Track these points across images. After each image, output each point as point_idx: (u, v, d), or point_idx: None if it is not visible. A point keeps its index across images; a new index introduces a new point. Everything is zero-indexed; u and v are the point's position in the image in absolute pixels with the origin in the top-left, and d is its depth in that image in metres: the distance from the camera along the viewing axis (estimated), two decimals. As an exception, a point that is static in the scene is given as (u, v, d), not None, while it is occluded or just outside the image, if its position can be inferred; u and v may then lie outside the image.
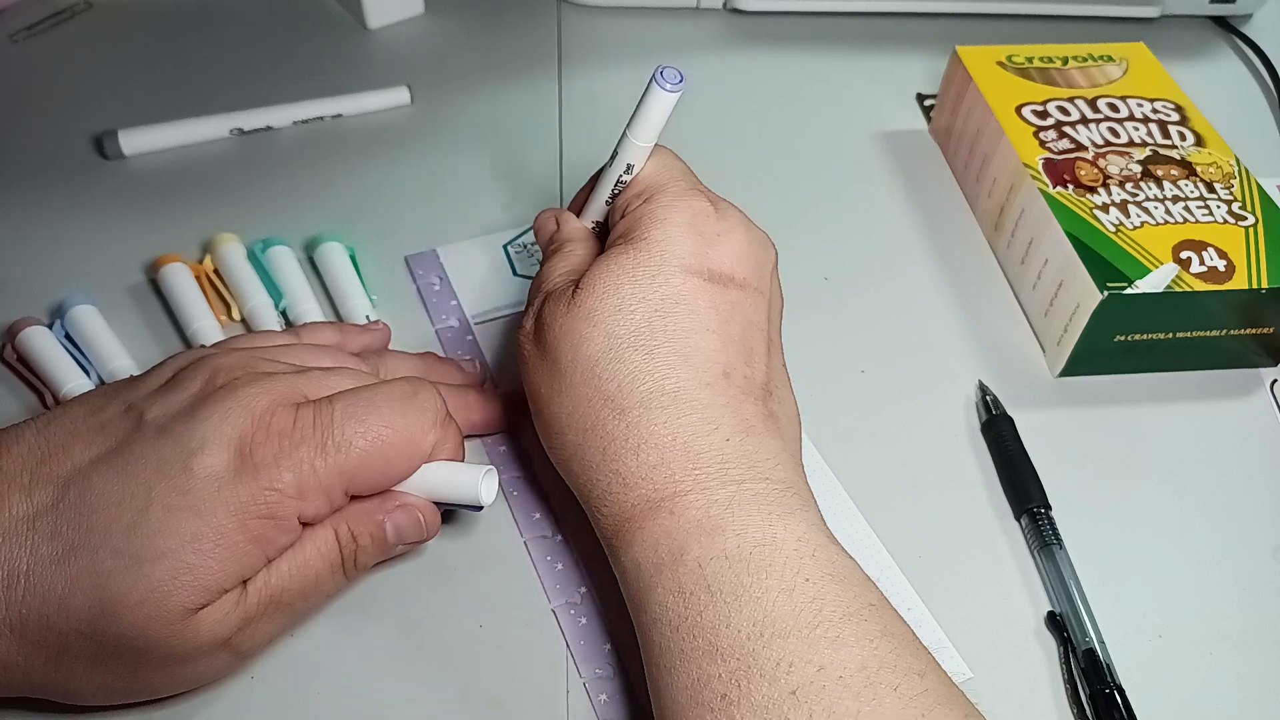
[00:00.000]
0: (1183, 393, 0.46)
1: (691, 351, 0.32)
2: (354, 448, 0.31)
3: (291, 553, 0.32)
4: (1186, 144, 0.49)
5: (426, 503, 0.34)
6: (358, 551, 0.33)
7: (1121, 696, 0.35)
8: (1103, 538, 0.40)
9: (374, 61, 0.60)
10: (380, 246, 0.49)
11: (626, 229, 0.35)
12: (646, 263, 0.33)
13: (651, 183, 0.36)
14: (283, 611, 0.32)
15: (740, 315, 0.34)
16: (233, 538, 0.29)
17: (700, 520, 0.30)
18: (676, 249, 0.34)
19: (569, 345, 0.33)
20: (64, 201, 0.50)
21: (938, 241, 0.52)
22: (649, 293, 0.33)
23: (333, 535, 0.32)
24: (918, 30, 0.65)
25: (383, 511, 0.33)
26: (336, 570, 0.33)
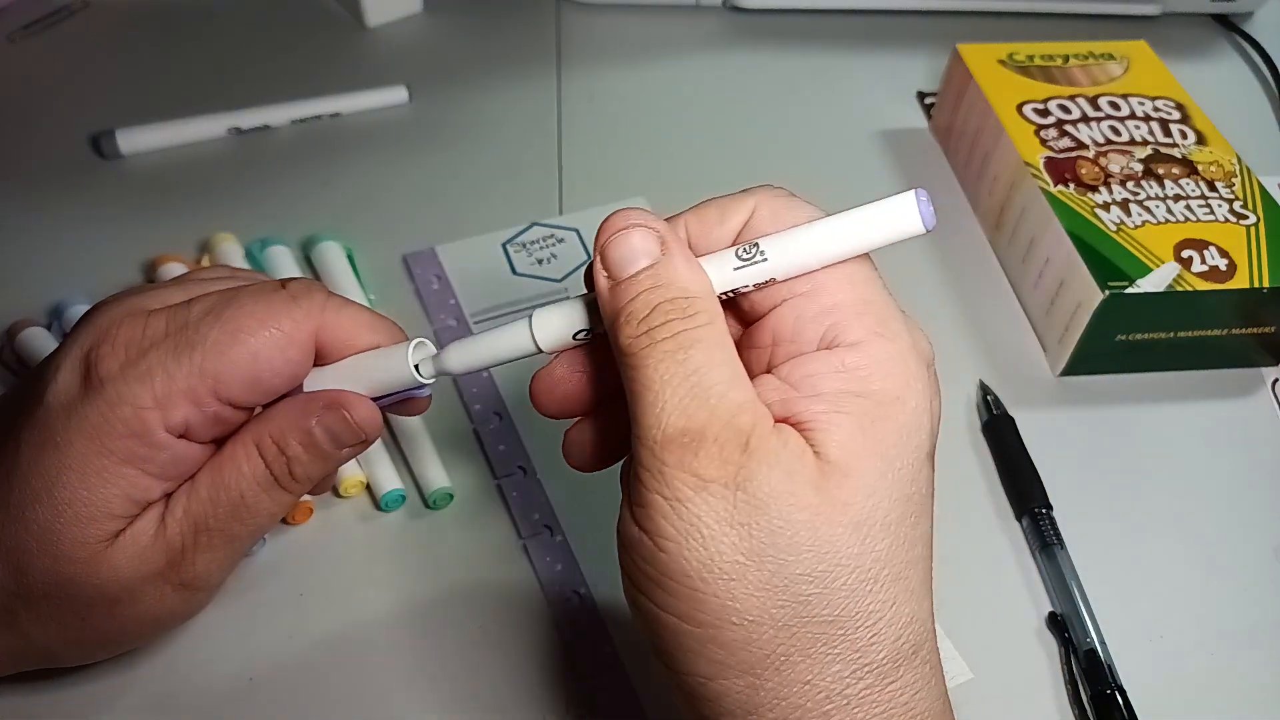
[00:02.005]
0: (1184, 392, 0.45)
1: (925, 581, 0.25)
2: (209, 342, 0.28)
3: (208, 475, 0.29)
4: (1188, 142, 0.49)
5: (357, 397, 0.30)
6: (290, 463, 0.30)
7: (1122, 697, 0.35)
8: (1104, 538, 0.40)
9: (372, 60, 0.60)
10: (378, 245, 0.49)
11: (858, 369, 0.24)
12: (908, 442, 0.25)
13: (869, 298, 0.26)
14: (219, 537, 0.29)
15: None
16: (98, 463, 0.27)
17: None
18: (928, 425, 0.25)
19: (789, 540, 0.23)
20: (61, 201, 0.50)
21: (938, 240, 0.52)
22: (908, 488, 0.24)
23: (254, 450, 0.29)
24: (918, 28, 0.65)
25: (307, 415, 0.29)
26: (270, 487, 0.30)
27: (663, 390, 0.24)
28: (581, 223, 0.50)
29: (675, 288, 0.25)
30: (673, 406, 0.23)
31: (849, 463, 0.23)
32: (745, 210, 0.27)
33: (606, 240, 0.26)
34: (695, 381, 0.23)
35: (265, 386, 0.29)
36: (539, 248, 0.49)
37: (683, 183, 0.53)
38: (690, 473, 0.23)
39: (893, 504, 0.24)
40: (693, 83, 0.60)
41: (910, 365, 0.25)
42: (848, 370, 0.24)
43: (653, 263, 0.25)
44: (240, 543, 0.30)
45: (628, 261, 0.25)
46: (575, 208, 0.51)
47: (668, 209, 0.52)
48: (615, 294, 0.25)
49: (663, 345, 0.24)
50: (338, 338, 0.30)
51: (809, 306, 0.25)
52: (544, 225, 0.50)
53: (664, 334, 0.24)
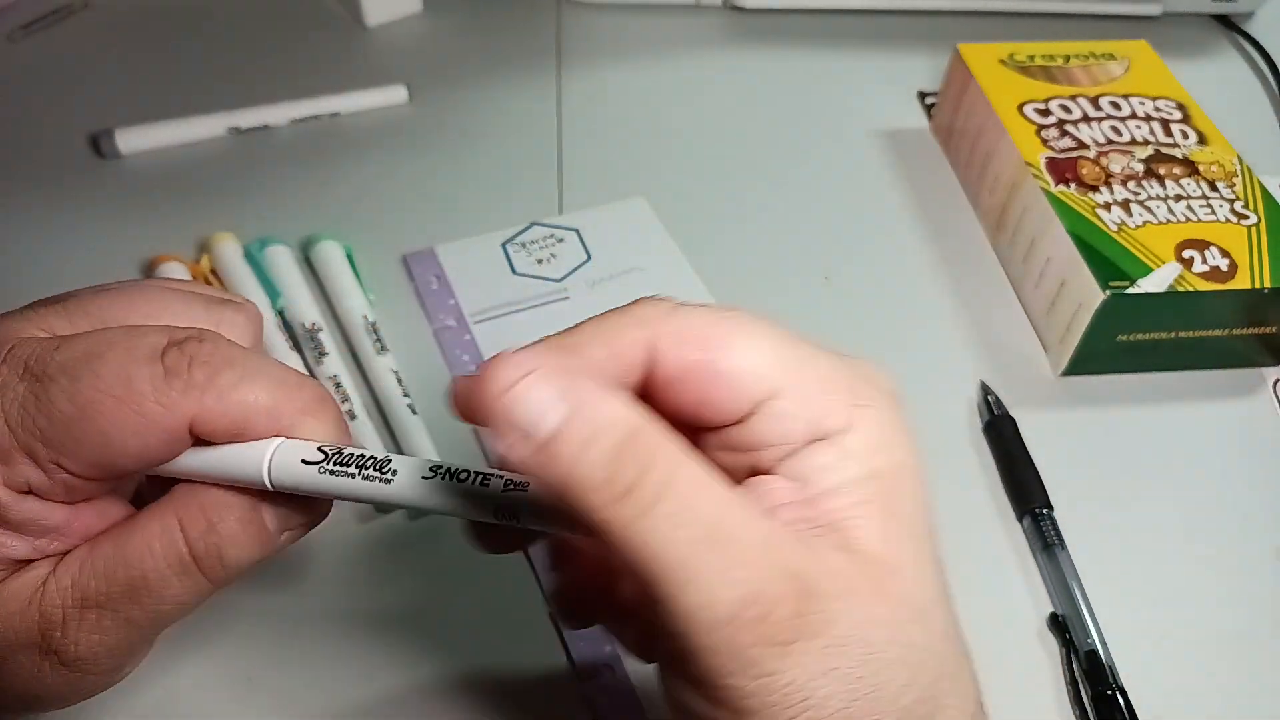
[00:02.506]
0: (1185, 392, 0.45)
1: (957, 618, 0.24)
2: (55, 410, 0.23)
3: (110, 543, 0.25)
4: (1189, 142, 0.49)
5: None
6: (221, 544, 0.24)
7: (1123, 697, 0.35)
8: (1105, 538, 0.40)
9: (372, 60, 0.60)
10: (378, 245, 0.49)
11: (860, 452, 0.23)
12: (920, 502, 0.23)
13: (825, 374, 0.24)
14: (108, 616, 0.24)
15: None
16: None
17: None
18: (921, 467, 0.24)
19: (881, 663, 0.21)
20: (60, 201, 0.50)
21: (939, 240, 0.52)
22: (933, 547, 0.23)
23: (173, 524, 0.24)
24: (919, 28, 0.65)
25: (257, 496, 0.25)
26: (186, 568, 0.24)
27: (689, 564, 0.20)
28: (581, 223, 0.50)
29: (617, 429, 0.20)
30: (712, 579, 0.20)
31: (892, 556, 0.22)
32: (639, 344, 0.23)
33: (495, 406, 0.21)
34: (720, 538, 0.20)
35: (117, 470, 0.24)
36: (539, 248, 0.49)
37: (683, 183, 0.53)
38: (767, 644, 0.20)
39: (933, 573, 0.23)
40: (693, 83, 0.60)
41: (894, 419, 0.24)
42: (851, 456, 0.23)
43: (569, 411, 0.20)
44: (142, 629, 0.25)
45: (534, 420, 0.20)
46: (575, 208, 0.51)
47: (668, 209, 0.53)
48: (544, 464, 0.20)
49: (658, 510, 0.20)
50: (225, 426, 0.24)
51: (782, 408, 0.23)
52: (544, 225, 0.50)
53: (648, 496, 0.20)
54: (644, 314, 0.23)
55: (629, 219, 0.51)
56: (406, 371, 0.43)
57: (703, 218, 0.51)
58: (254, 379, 0.24)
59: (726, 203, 0.53)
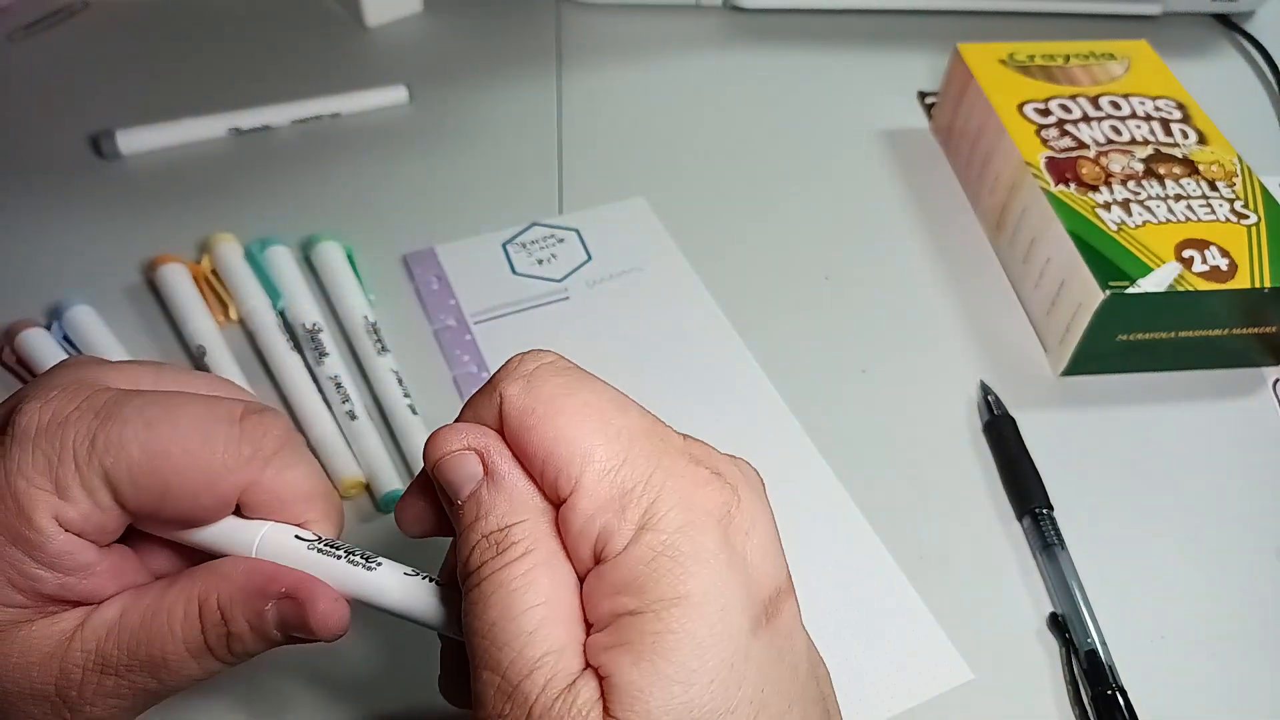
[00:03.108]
0: (1185, 392, 0.45)
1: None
2: (123, 454, 0.24)
3: (137, 618, 0.25)
4: (1189, 142, 0.49)
5: (324, 591, 0.26)
6: (230, 639, 0.25)
7: (1123, 697, 0.35)
8: (1105, 538, 0.40)
9: (372, 60, 0.60)
10: (378, 245, 0.49)
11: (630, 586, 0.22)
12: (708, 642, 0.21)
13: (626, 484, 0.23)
14: (127, 689, 0.25)
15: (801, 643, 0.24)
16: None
17: None
18: (731, 599, 0.22)
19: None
20: (61, 202, 0.50)
21: (939, 240, 0.52)
22: (732, 676, 0.21)
23: (195, 609, 0.25)
24: (919, 28, 0.65)
25: (265, 595, 0.25)
26: (200, 654, 0.25)
27: (476, 630, 0.22)
28: (581, 223, 0.50)
29: (494, 518, 0.23)
30: (482, 652, 0.22)
31: (645, 709, 0.21)
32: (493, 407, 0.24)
33: (436, 464, 0.24)
34: (496, 633, 0.22)
35: (165, 520, 0.25)
36: (539, 248, 0.49)
37: (683, 183, 0.53)
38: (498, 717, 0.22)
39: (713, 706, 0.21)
40: (693, 83, 0.60)
41: (686, 548, 0.22)
42: (619, 588, 0.22)
43: (475, 488, 0.23)
44: (152, 696, 0.26)
45: (456, 486, 0.24)
46: (575, 208, 0.51)
47: (668, 209, 0.53)
48: (456, 519, 0.24)
49: (481, 588, 0.22)
50: (268, 500, 0.26)
51: (572, 517, 0.23)
52: (544, 225, 0.50)
53: (481, 575, 0.23)
54: (499, 376, 0.24)
55: (629, 219, 0.51)
56: (407, 371, 0.43)
57: (703, 218, 0.51)
58: (308, 464, 0.26)
59: (726, 203, 0.53)
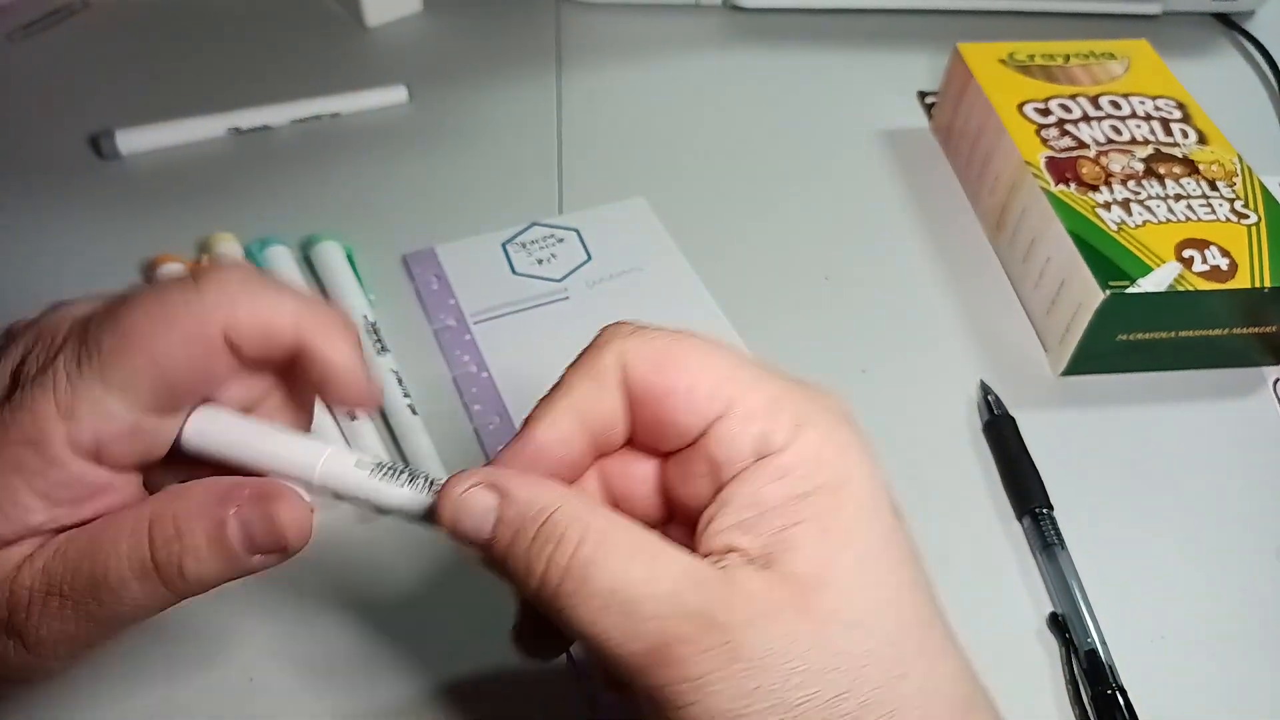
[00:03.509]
0: (1185, 392, 0.45)
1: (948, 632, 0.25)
2: (105, 349, 0.24)
3: (86, 535, 0.25)
4: (1189, 142, 0.49)
5: (290, 493, 0.25)
6: (183, 554, 0.25)
7: (1123, 697, 0.35)
8: (1104, 538, 0.40)
9: (372, 60, 0.60)
10: (378, 245, 0.49)
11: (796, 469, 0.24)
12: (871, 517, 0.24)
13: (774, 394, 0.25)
14: (71, 610, 0.25)
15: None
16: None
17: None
18: (880, 484, 0.25)
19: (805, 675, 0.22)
20: (60, 201, 0.50)
21: (939, 240, 0.52)
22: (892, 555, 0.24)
23: (144, 526, 0.25)
24: (919, 27, 0.65)
25: (226, 503, 0.25)
26: (146, 573, 0.25)
27: (599, 633, 0.22)
28: (581, 223, 0.50)
29: (530, 522, 0.23)
30: (621, 638, 0.22)
31: (820, 572, 0.23)
32: (615, 366, 0.25)
33: (451, 518, 0.25)
34: (620, 602, 0.22)
35: (180, 390, 0.25)
36: (539, 248, 0.49)
37: (683, 183, 0.53)
38: (681, 681, 0.22)
39: (881, 582, 0.23)
40: (693, 83, 0.60)
41: (841, 439, 0.25)
42: (787, 476, 0.24)
43: (498, 515, 0.24)
44: (100, 625, 0.25)
45: (479, 526, 0.24)
46: (575, 208, 0.51)
47: (668, 209, 0.53)
48: (492, 557, 0.24)
49: (565, 587, 0.23)
50: (253, 331, 0.26)
51: (729, 426, 0.25)
52: (544, 225, 0.50)
53: (556, 578, 0.23)
54: (610, 338, 0.26)
55: (629, 219, 0.51)
56: (406, 371, 0.43)
57: (703, 218, 0.51)
58: (280, 294, 0.26)
59: (726, 202, 0.53)
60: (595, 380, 0.25)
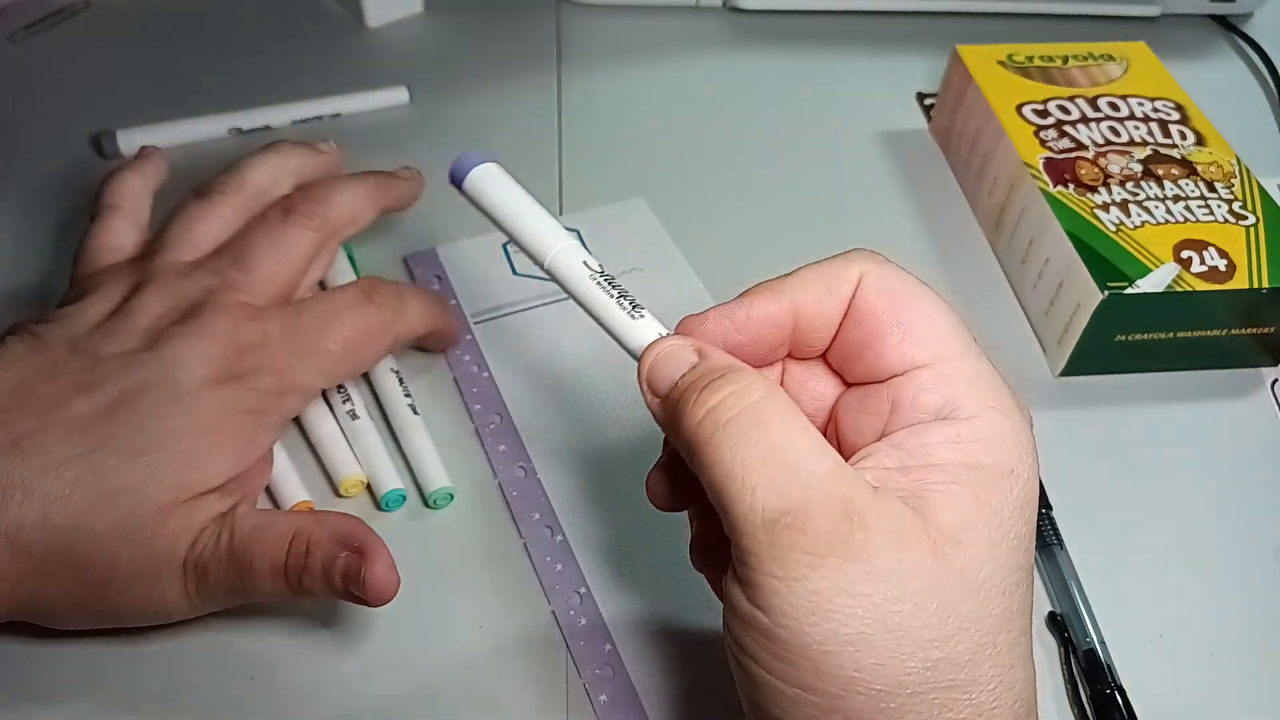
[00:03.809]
0: (1184, 392, 0.45)
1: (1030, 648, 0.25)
2: (323, 350, 0.35)
3: (250, 523, 0.32)
4: (1187, 143, 0.49)
5: (385, 561, 0.31)
6: (304, 572, 0.31)
7: (1122, 697, 0.35)
8: (1103, 538, 0.40)
9: (373, 61, 0.60)
10: (379, 245, 0.49)
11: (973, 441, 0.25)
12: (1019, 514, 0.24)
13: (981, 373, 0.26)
14: (224, 584, 0.31)
15: None
16: (224, 430, 0.32)
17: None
18: (1035, 497, 0.25)
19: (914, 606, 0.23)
20: (61, 201, 0.50)
21: (938, 241, 0.52)
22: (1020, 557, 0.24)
23: (287, 539, 0.31)
24: (918, 29, 0.65)
25: (342, 546, 0.31)
26: (276, 572, 0.31)
27: (747, 475, 0.23)
28: (582, 223, 0.50)
29: (722, 374, 0.25)
30: (765, 489, 0.23)
31: (961, 531, 0.23)
32: (852, 279, 0.27)
33: (647, 368, 0.27)
34: (781, 458, 0.23)
35: (359, 373, 0.39)
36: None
37: (683, 183, 0.53)
38: (803, 551, 0.22)
39: (1006, 571, 0.24)
40: (693, 83, 0.60)
41: (1023, 440, 0.25)
42: (963, 442, 0.24)
43: (696, 361, 0.26)
44: (235, 594, 0.32)
45: (670, 373, 0.26)
46: (575, 208, 0.51)
47: (668, 209, 0.53)
48: (667, 401, 0.26)
49: (731, 427, 0.23)
50: (410, 335, 0.39)
51: (928, 378, 0.26)
52: (544, 225, 0.50)
53: (727, 414, 0.24)
54: (858, 256, 0.27)
55: (629, 219, 0.51)
56: (407, 371, 0.43)
57: (703, 218, 0.51)
58: (424, 296, 0.40)
59: (726, 203, 0.53)
60: (827, 284, 0.27)
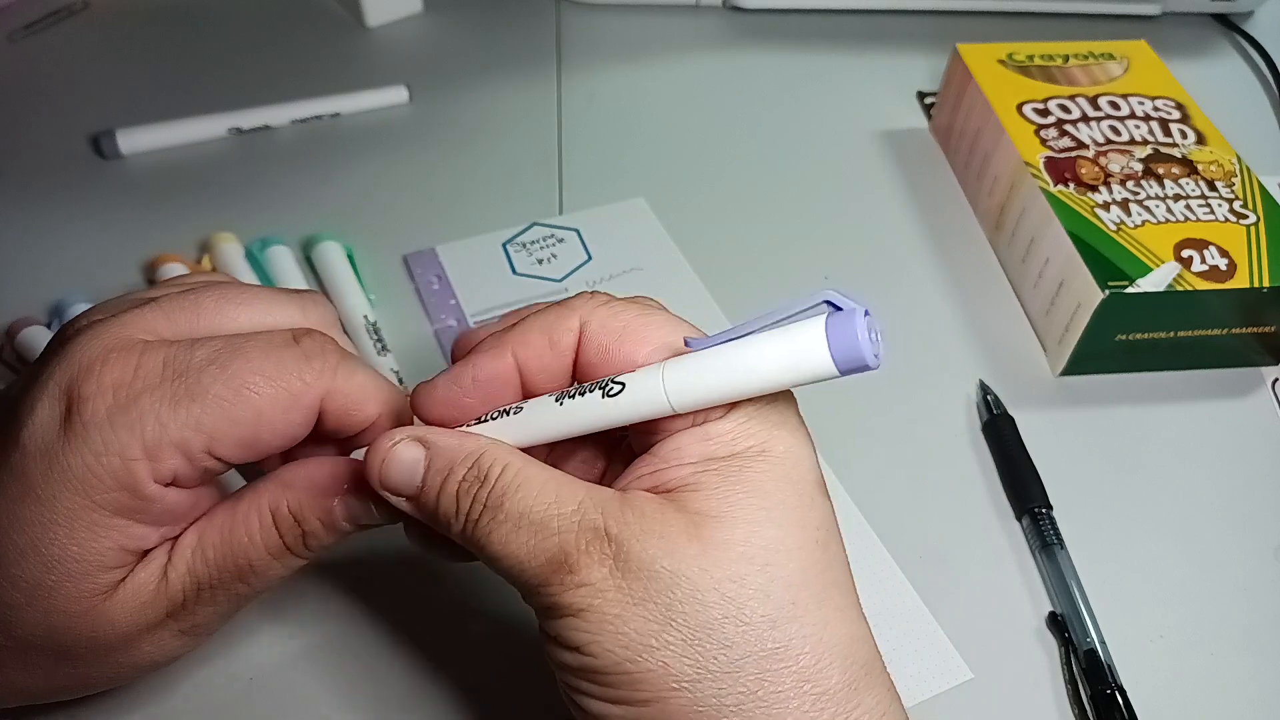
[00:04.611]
0: (1184, 392, 0.45)
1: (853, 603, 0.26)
2: (211, 396, 0.26)
3: (218, 535, 0.28)
4: (1188, 142, 0.49)
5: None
6: (306, 536, 0.28)
7: (1123, 697, 0.35)
8: (1104, 538, 0.40)
9: (372, 60, 0.60)
10: (379, 245, 0.49)
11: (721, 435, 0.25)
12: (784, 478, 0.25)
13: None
14: (223, 594, 0.28)
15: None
16: (86, 518, 0.25)
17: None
18: (805, 459, 0.26)
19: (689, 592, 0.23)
20: (61, 201, 0.50)
21: (938, 240, 0.52)
22: (801, 515, 0.25)
23: (269, 519, 0.28)
24: (918, 28, 0.65)
25: (330, 492, 0.28)
26: (281, 554, 0.28)
27: (510, 552, 0.24)
28: (581, 223, 0.50)
29: (457, 465, 0.26)
30: (528, 554, 0.24)
31: (720, 508, 0.24)
32: (573, 329, 0.27)
33: (379, 475, 0.26)
34: (528, 523, 0.24)
35: (262, 447, 0.27)
36: (539, 248, 0.49)
37: (683, 183, 0.53)
38: (578, 585, 0.24)
39: (785, 532, 0.24)
40: (693, 83, 0.60)
41: (771, 416, 0.26)
42: (712, 439, 0.25)
43: (427, 464, 0.26)
44: (245, 598, 0.29)
45: (407, 476, 0.26)
46: (575, 208, 0.51)
47: (667, 209, 0.53)
48: (419, 504, 0.26)
49: (483, 518, 0.25)
50: (343, 405, 0.28)
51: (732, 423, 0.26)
52: (544, 225, 0.50)
53: (475, 512, 0.25)
54: (578, 304, 0.27)
55: (629, 219, 0.51)
56: (407, 371, 0.43)
57: (702, 218, 0.51)
58: (366, 368, 0.29)
59: (726, 203, 0.53)
60: (547, 337, 0.27)
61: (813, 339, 0.23)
